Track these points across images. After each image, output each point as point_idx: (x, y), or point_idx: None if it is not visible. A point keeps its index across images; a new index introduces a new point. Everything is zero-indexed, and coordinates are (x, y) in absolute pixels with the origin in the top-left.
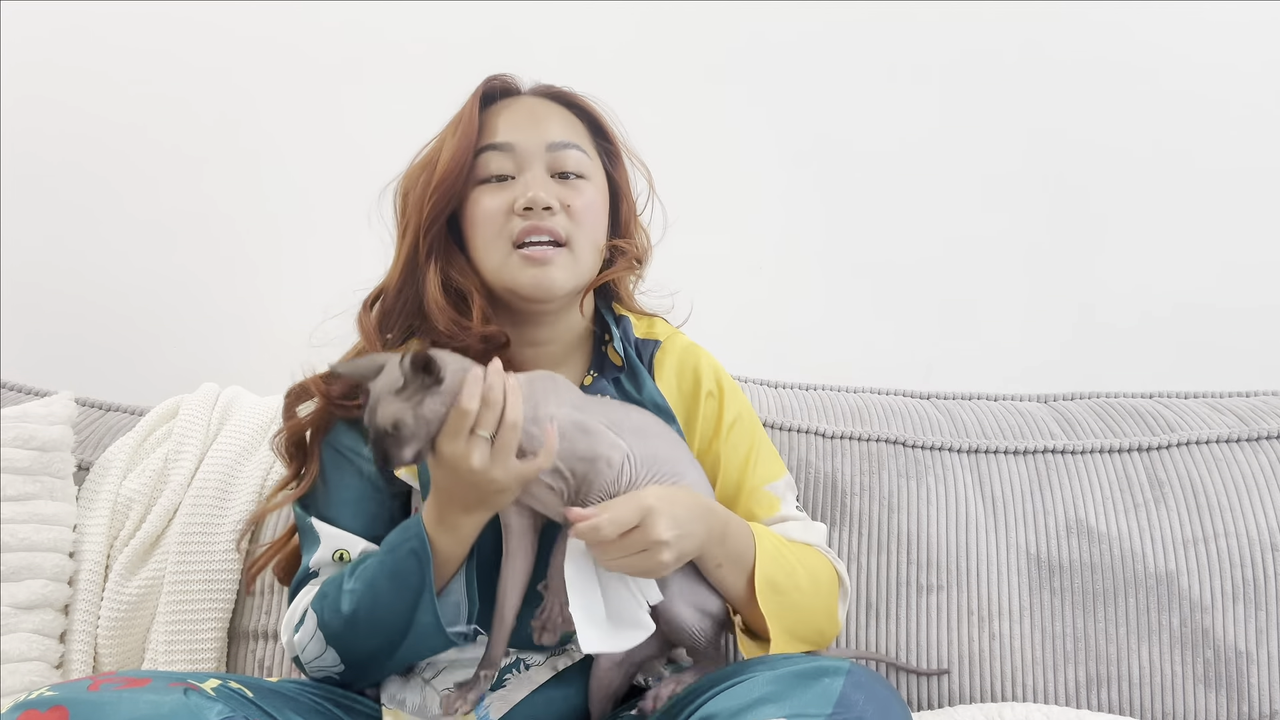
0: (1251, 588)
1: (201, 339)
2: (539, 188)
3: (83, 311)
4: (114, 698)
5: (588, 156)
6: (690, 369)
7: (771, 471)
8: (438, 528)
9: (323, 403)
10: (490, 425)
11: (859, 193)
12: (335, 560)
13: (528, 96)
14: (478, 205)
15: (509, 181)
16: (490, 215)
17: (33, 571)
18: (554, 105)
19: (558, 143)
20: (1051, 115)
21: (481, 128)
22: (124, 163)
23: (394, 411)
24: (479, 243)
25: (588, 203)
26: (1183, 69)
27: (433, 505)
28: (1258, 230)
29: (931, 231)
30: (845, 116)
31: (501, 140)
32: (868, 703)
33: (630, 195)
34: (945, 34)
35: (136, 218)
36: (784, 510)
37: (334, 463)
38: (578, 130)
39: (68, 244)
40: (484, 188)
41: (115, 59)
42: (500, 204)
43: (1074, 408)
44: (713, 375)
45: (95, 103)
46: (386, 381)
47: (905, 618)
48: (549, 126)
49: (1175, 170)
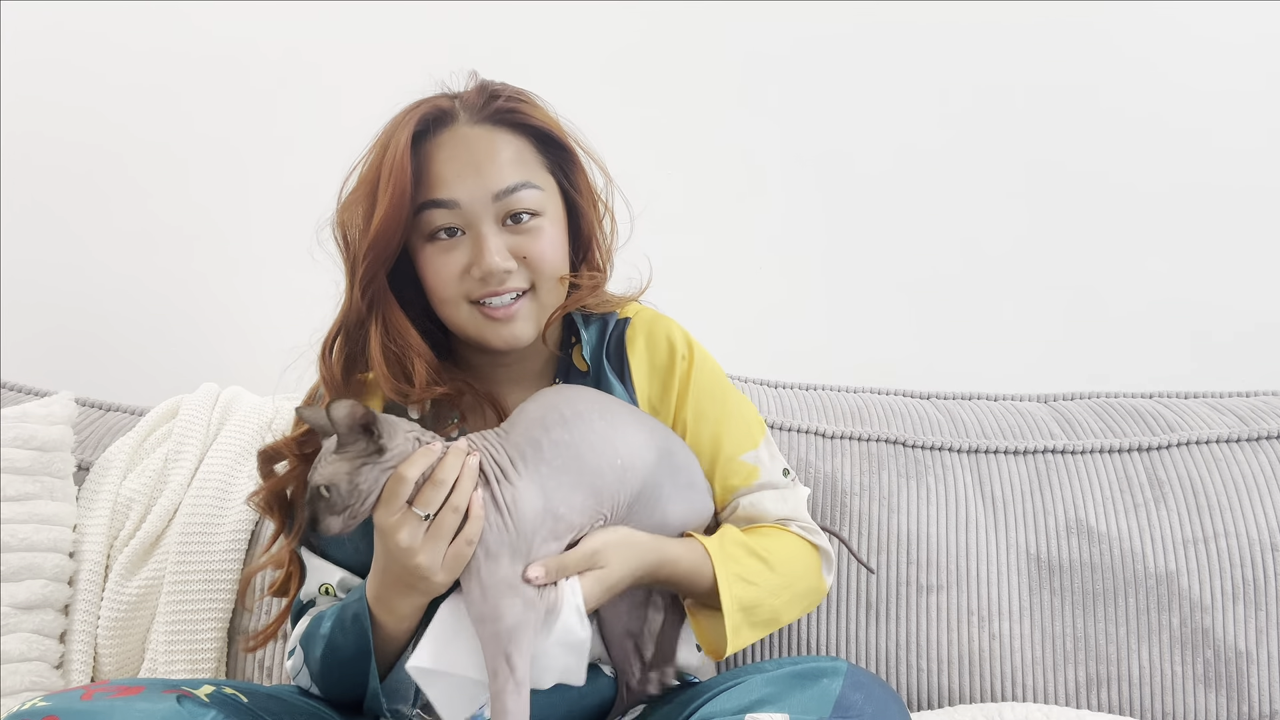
0: (1251, 588)
1: (201, 339)
2: (493, 253)
3: (83, 312)
4: (107, 707)
5: (539, 190)
6: (662, 338)
7: (747, 439)
8: (376, 604)
9: (295, 464)
10: (429, 504)
11: (860, 193)
12: (322, 594)
13: (465, 126)
14: (429, 264)
15: (458, 237)
16: (445, 279)
17: (33, 571)
18: (497, 133)
19: (506, 189)
20: (1052, 116)
21: (418, 175)
22: (123, 163)
23: (329, 473)
24: (437, 300)
25: (544, 246)
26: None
27: (373, 578)
28: (1258, 231)
29: (932, 232)
30: (847, 118)
31: (444, 197)
32: (866, 703)
33: (590, 202)
34: (947, 35)
35: (136, 218)
36: (764, 477)
37: None
38: (525, 156)
39: (68, 244)
40: (433, 245)
41: (116, 61)
42: (453, 266)
43: (1074, 408)
44: (684, 341)
45: (95, 104)
46: (332, 438)
47: (905, 618)
48: (494, 170)
49: (1175, 171)
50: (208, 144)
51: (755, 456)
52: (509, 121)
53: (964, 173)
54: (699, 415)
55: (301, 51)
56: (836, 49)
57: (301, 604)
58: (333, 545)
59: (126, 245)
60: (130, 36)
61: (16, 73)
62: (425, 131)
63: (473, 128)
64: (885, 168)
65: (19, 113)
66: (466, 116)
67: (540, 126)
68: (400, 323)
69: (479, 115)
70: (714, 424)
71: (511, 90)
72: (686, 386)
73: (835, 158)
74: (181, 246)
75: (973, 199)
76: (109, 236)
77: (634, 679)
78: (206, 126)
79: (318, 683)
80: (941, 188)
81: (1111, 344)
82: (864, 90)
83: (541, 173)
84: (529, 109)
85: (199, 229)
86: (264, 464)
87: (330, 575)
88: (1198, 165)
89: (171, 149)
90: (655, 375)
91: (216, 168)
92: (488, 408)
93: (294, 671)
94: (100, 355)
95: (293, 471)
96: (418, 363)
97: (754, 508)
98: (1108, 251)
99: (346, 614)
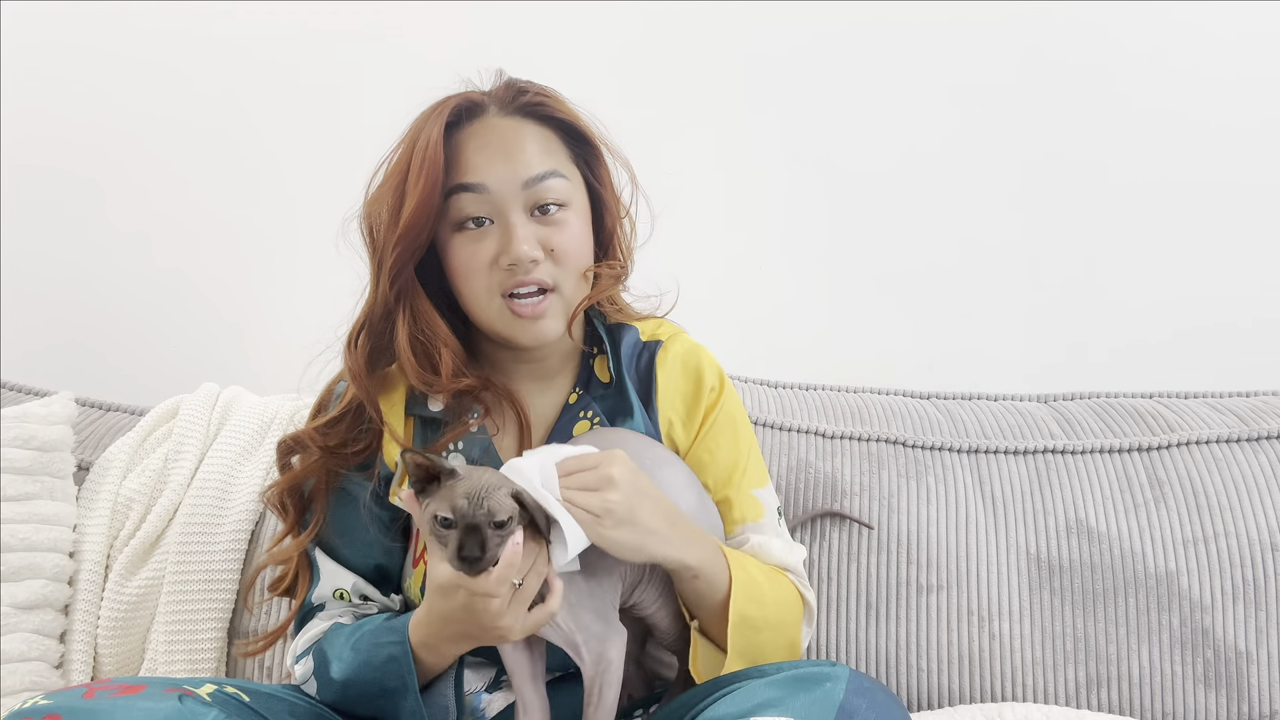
0: (1251, 588)
1: (201, 339)
2: (521, 241)
3: (83, 311)
4: (109, 705)
5: (566, 180)
6: (693, 368)
7: (759, 477)
8: (423, 649)
9: (319, 456)
10: (522, 573)
11: (861, 194)
12: (336, 598)
13: (495, 117)
14: (458, 254)
15: (486, 226)
16: (473, 269)
17: (33, 571)
18: (525, 124)
19: (535, 176)
20: (1052, 115)
21: (449, 161)
22: (124, 165)
23: (509, 506)
24: (465, 292)
25: (570, 237)
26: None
27: (422, 626)
28: (1258, 230)
29: (932, 232)
30: (849, 119)
31: (474, 181)
32: (869, 709)
33: (614, 197)
34: (951, 36)
35: (137, 218)
36: (768, 519)
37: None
38: (553, 148)
39: (68, 245)
40: (461, 235)
41: (116, 64)
42: (482, 255)
43: (1074, 408)
44: (715, 374)
45: (96, 103)
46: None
47: (905, 618)
48: (523, 158)
49: (1176, 170)
50: (209, 144)
51: (764, 495)
52: (537, 114)
53: (964, 173)
54: (718, 446)
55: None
56: (838, 47)
57: (311, 606)
58: (347, 546)
59: (127, 245)
60: (132, 33)
61: (17, 71)
62: (456, 122)
63: (502, 118)
64: (887, 167)
65: (19, 112)
66: (496, 109)
67: (567, 119)
68: (429, 313)
69: (509, 107)
70: (730, 455)
71: (538, 86)
72: (710, 417)
73: (837, 156)
74: (182, 247)
75: (973, 199)
76: (109, 236)
77: (635, 690)
78: (209, 127)
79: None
80: (942, 188)
81: (1111, 344)
82: (866, 89)
83: (568, 164)
84: (556, 103)
85: (200, 229)
86: (282, 456)
87: (344, 580)
88: (1198, 164)
89: (172, 149)
90: (682, 401)
91: (218, 168)
92: (507, 404)
93: (303, 678)
94: (100, 355)
95: (315, 463)
96: (445, 353)
97: (761, 550)
98: (1108, 251)
99: (378, 654)
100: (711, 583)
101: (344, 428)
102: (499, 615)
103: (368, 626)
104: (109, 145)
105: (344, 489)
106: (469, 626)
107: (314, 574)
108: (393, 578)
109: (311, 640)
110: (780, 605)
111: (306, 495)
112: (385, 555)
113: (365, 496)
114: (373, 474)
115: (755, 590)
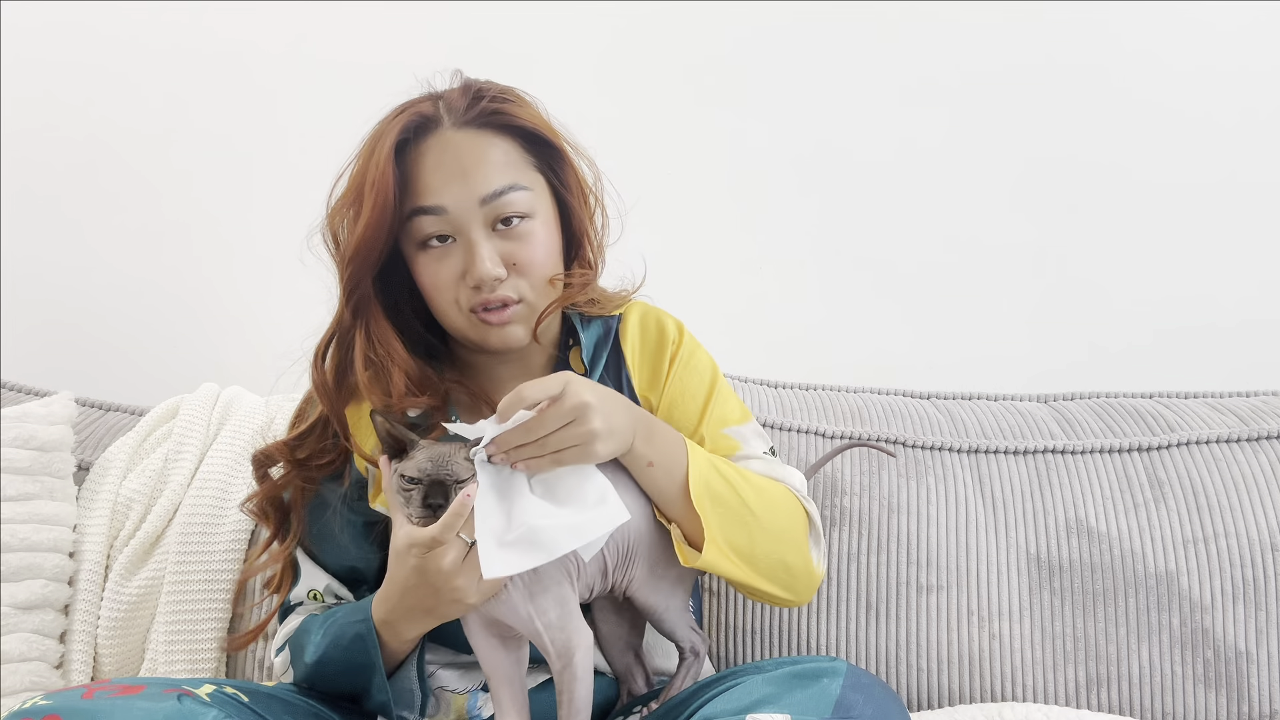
0: (1251, 588)
1: (201, 339)
2: (483, 260)
3: (83, 312)
4: (108, 705)
5: (528, 190)
6: (652, 325)
7: (732, 415)
8: (385, 628)
9: (290, 469)
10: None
11: (859, 193)
12: (310, 599)
13: (450, 131)
14: (423, 272)
15: (450, 244)
16: (439, 285)
17: (33, 571)
18: (482, 136)
19: (493, 193)
20: (1052, 115)
21: (404, 182)
22: (124, 163)
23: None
24: (434, 304)
25: (534, 249)
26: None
27: (385, 604)
28: (1258, 230)
29: (931, 232)
30: (847, 118)
31: (432, 204)
32: (866, 704)
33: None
34: (950, 36)
35: (137, 217)
36: (746, 451)
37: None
38: (513, 158)
39: (68, 244)
40: (426, 253)
41: (116, 62)
42: (445, 273)
43: (1074, 408)
44: (675, 327)
45: (96, 104)
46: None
47: (905, 618)
48: (480, 175)
49: (1176, 171)
50: (209, 143)
51: (739, 432)
52: (494, 123)
53: (965, 172)
54: (684, 391)
55: (303, 50)
56: (830, 41)
57: (289, 605)
58: (324, 551)
59: (127, 245)
60: (130, 33)
61: (17, 70)
62: (410, 139)
63: (458, 132)
64: (882, 164)
65: (20, 112)
66: (451, 120)
67: (526, 126)
68: (383, 332)
69: (464, 119)
70: (700, 399)
71: (496, 89)
72: (674, 364)
73: (832, 152)
74: (182, 246)
75: (974, 198)
76: (109, 236)
77: (636, 686)
78: (208, 125)
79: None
80: (943, 187)
81: (1112, 344)
82: (860, 84)
83: (530, 172)
84: (514, 109)
85: (200, 228)
86: (258, 468)
87: (318, 581)
88: (1199, 163)
89: (173, 148)
90: (647, 359)
91: (218, 167)
92: (484, 406)
93: (281, 670)
94: (100, 355)
95: (288, 476)
96: (395, 374)
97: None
98: (1108, 251)
99: (345, 633)
100: (668, 469)
101: (313, 439)
102: (452, 574)
103: (340, 611)
104: (109, 145)
105: (320, 496)
106: (425, 595)
107: (296, 574)
108: (367, 579)
109: (288, 635)
110: (764, 497)
111: (286, 503)
112: (360, 559)
113: (337, 503)
114: (344, 481)
115: (719, 466)
